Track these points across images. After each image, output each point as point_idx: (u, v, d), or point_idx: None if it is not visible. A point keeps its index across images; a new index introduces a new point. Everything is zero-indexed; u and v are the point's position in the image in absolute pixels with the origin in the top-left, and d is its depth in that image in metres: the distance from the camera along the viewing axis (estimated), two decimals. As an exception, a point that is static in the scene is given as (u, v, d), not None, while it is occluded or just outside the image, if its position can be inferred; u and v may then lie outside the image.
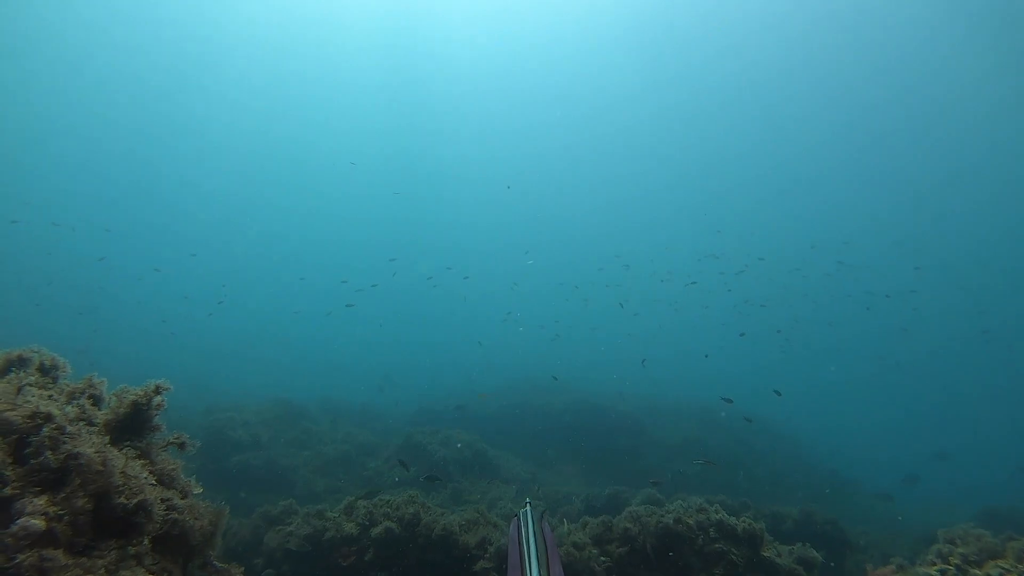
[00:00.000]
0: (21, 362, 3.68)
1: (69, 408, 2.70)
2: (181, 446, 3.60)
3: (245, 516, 10.73)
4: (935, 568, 7.76)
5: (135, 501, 2.59)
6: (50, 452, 2.46)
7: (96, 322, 45.76)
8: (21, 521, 2.22)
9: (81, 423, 2.77)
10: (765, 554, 8.20)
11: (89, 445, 2.59)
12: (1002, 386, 63.31)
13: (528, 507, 3.08)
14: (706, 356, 28.50)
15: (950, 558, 7.80)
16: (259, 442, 19.55)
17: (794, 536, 12.24)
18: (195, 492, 3.51)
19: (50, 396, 2.92)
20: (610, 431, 24.60)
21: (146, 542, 2.73)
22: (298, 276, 57.35)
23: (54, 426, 2.53)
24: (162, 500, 2.96)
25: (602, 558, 7.87)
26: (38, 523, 2.24)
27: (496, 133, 74.62)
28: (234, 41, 60.12)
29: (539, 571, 2.52)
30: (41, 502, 2.32)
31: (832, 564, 12.62)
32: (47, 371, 3.71)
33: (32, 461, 2.41)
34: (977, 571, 7.35)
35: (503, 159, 78.20)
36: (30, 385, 2.87)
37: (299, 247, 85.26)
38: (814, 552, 8.99)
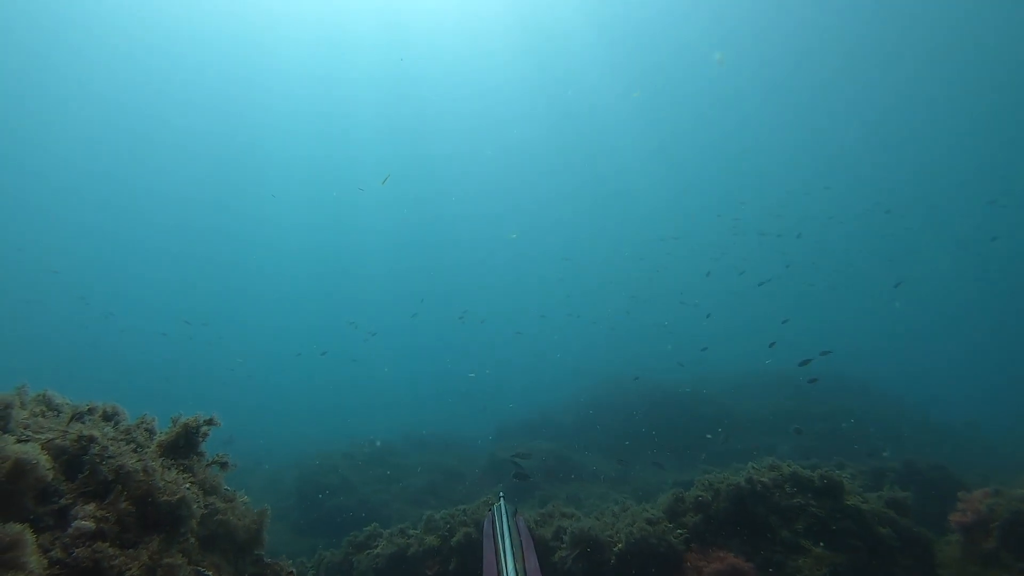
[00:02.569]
0: (90, 411, 4.17)
1: (109, 429, 3.10)
2: (223, 465, 3.98)
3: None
4: (1038, 488, 7.43)
5: (176, 498, 2.96)
6: (98, 467, 2.86)
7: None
8: (75, 524, 2.61)
9: (122, 442, 3.17)
10: (849, 502, 8.01)
11: (130, 458, 2.98)
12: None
13: (501, 502, 3.07)
14: (784, 321, 27.61)
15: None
16: (350, 484, 20.23)
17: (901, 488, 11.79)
18: (243, 500, 3.88)
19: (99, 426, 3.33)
20: (694, 417, 24.24)
21: (192, 540, 3.10)
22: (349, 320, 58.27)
23: (99, 446, 2.93)
24: (205, 505, 3.34)
25: (678, 530, 7.87)
26: (89, 524, 2.62)
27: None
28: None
29: (515, 565, 2.51)
30: (90, 508, 2.70)
31: (940, 511, 12.06)
32: (109, 417, 4.18)
33: (82, 476, 2.81)
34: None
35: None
36: (79, 421, 3.32)
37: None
38: (904, 494, 8.70)
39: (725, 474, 8.38)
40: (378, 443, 25.88)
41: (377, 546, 9.21)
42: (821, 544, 7.58)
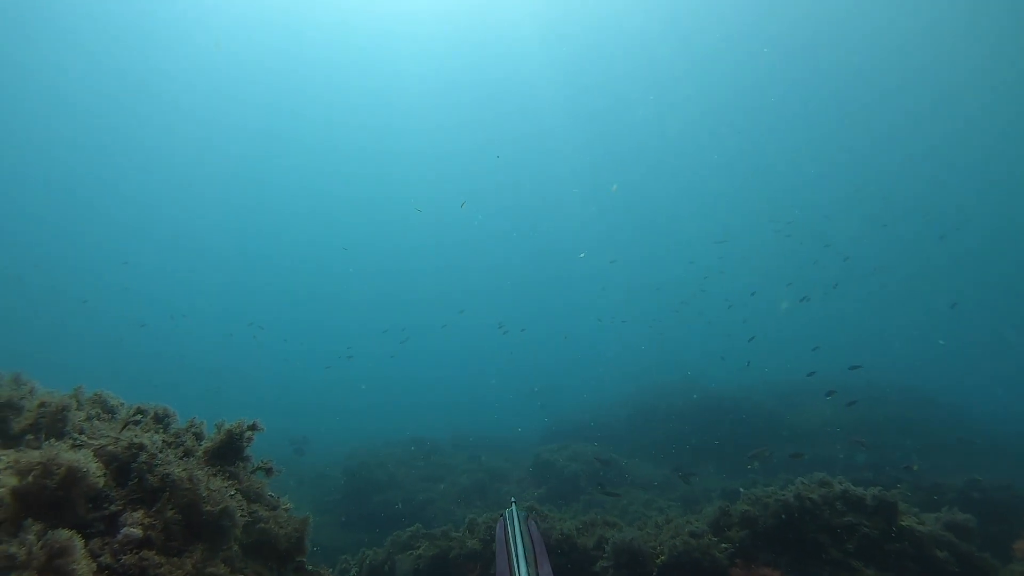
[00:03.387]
0: (140, 413, 4.33)
1: (157, 437, 3.21)
2: (268, 471, 4.08)
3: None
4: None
5: (220, 508, 3.04)
6: (146, 475, 2.96)
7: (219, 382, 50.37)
8: (124, 531, 2.71)
9: (170, 449, 3.29)
10: (904, 523, 7.69)
11: (178, 467, 3.08)
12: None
13: (513, 507, 3.05)
14: (814, 349, 26.78)
15: None
16: (397, 480, 20.51)
17: (962, 509, 11.28)
18: (285, 507, 3.96)
19: (150, 432, 3.45)
20: (742, 424, 23.76)
21: (236, 548, 3.18)
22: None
23: (147, 454, 3.03)
24: (249, 513, 3.43)
25: (723, 544, 7.70)
26: (136, 531, 2.72)
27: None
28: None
29: (527, 571, 2.48)
30: (139, 515, 2.80)
31: (1006, 535, 11.48)
32: (160, 419, 4.33)
33: (130, 483, 2.91)
34: None
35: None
36: (133, 424, 3.46)
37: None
38: (965, 516, 8.33)
39: (772, 488, 8.16)
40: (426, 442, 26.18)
41: (419, 547, 9.30)
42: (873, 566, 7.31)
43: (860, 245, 59.41)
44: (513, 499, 3.30)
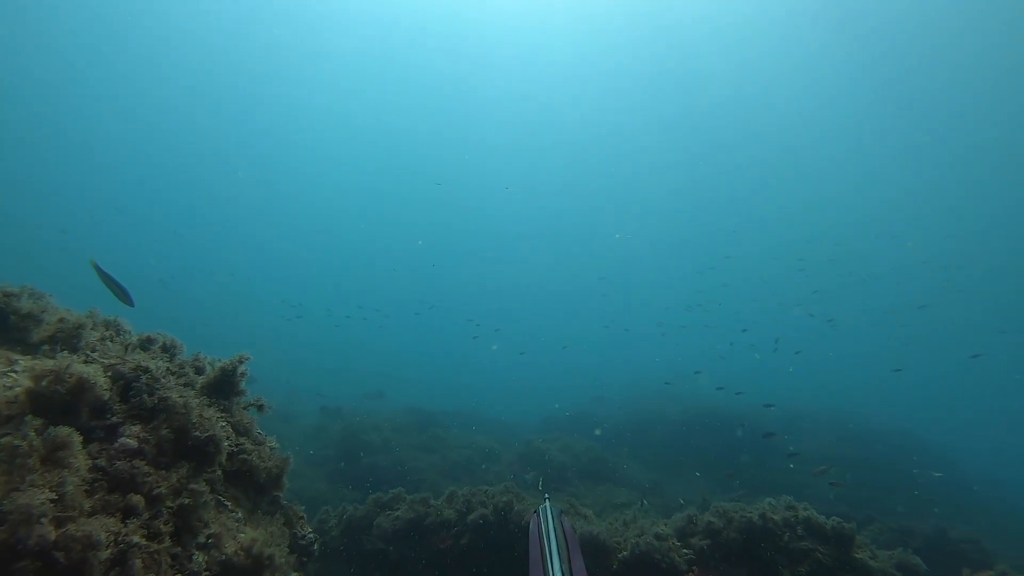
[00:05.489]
0: (149, 341, 4.65)
1: (162, 364, 3.52)
2: (260, 408, 4.40)
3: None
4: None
5: (206, 435, 3.35)
6: (146, 395, 3.27)
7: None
8: (121, 440, 3.02)
9: (172, 376, 3.60)
10: (857, 555, 7.89)
11: (175, 392, 3.39)
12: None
13: (547, 503, 3.18)
14: (767, 406, 26.83)
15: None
16: (389, 445, 20.93)
17: (924, 555, 11.40)
18: (271, 445, 4.28)
19: (156, 359, 3.77)
20: (738, 441, 23.87)
21: (219, 473, 3.50)
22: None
23: (150, 376, 3.35)
24: (236, 445, 3.76)
25: (684, 550, 7.95)
26: (132, 442, 3.03)
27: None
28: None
29: (561, 566, 2.56)
30: (136, 429, 3.11)
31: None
32: (168, 349, 4.66)
33: (132, 400, 3.23)
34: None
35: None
36: (142, 350, 3.80)
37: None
38: (917, 560, 8.48)
39: (740, 504, 8.38)
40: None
41: (399, 509, 9.64)
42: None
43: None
44: (547, 495, 3.50)
